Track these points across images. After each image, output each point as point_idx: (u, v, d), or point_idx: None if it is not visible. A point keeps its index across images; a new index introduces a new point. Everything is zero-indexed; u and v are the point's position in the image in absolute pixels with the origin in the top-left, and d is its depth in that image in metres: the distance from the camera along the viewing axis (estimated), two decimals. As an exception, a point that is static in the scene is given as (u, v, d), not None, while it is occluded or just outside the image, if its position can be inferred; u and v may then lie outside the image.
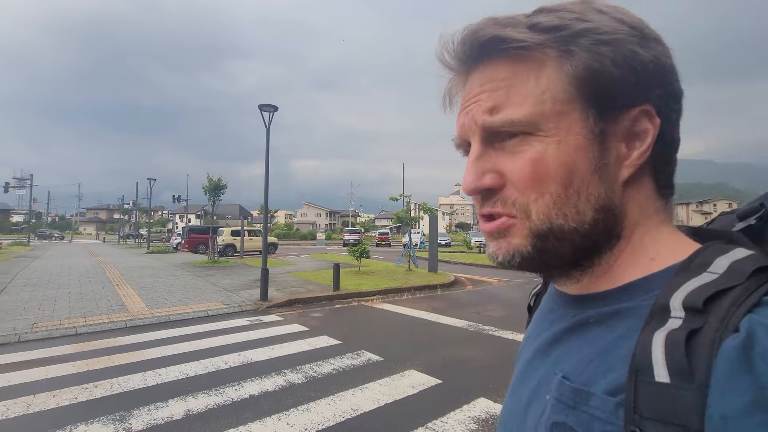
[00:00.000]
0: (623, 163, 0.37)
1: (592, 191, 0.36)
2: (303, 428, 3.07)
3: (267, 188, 9.62)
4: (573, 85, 0.36)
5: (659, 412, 0.28)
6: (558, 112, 0.36)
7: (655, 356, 0.29)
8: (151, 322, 6.48)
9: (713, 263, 0.32)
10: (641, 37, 0.36)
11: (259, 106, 9.60)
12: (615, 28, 0.36)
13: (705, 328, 0.28)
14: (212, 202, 17.75)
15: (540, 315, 0.49)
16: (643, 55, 0.36)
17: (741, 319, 0.28)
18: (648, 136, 0.37)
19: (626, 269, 0.38)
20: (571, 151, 0.36)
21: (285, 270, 13.50)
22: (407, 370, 4.32)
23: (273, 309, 7.62)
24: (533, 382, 0.42)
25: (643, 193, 0.38)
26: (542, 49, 0.36)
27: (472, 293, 9.98)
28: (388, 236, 36.79)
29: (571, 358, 0.37)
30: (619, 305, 0.36)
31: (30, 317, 6.53)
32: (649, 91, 0.36)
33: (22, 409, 3.39)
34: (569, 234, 0.36)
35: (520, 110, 0.36)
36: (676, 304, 0.31)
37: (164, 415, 3.28)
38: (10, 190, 39.44)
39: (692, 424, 0.26)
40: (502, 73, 0.37)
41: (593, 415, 0.32)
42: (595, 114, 0.36)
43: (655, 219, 0.39)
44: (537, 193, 0.36)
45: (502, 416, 0.48)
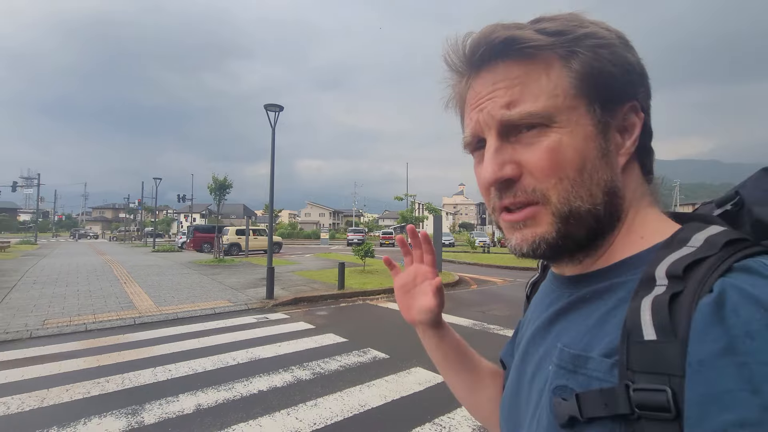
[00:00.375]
0: (619, 151, 0.42)
1: (601, 175, 0.40)
2: (312, 423, 3.12)
3: (272, 187, 9.68)
4: (579, 81, 0.40)
5: (648, 365, 0.32)
6: (569, 105, 0.40)
7: (644, 318, 0.33)
8: (159, 319, 6.56)
9: (692, 238, 0.37)
10: (626, 44, 0.42)
11: (265, 106, 9.67)
12: (608, 35, 0.41)
13: (685, 291, 0.33)
14: (217, 202, 17.87)
15: (538, 299, 0.52)
16: (630, 58, 0.41)
17: (715, 282, 0.32)
18: (636, 128, 0.42)
19: (620, 248, 0.42)
20: (582, 140, 0.40)
21: (290, 269, 13.58)
22: (413, 367, 4.36)
23: (279, 307, 7.69)
24: (536, 357, 0.45)
25: (634, 178, 0.43)
26: (551, 50, 0.40)
27: (476, 293, 10.00)
28: (391, 236, 36.77)
29: (570, 331, 0.41)
30: (612, 281, 0.40)
31: (41, 314, 6.64)
32: (636, 89, 0.42)
33: (37, 402, 3.46)
34: (585, 216, 0.40)
35: (537, 104, 0.40)
36: (661, 273, 0.35)
37: (175, 409, 3.34)
38: (18, 189, 39.84)
39: (676, 372, 0.31)
40: (515, 72, 0.41)
41: (591, 376, 0.36)
42: (599, 107, 0.40)
43: (644, 201, 0.44)
44: (556, 179, 0.40)
45: (505, 393, 0.52)
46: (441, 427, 3.07)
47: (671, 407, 0.30)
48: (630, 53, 0.42)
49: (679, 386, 0.30)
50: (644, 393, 0.31)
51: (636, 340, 0.33)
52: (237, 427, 3.05)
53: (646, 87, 0.43)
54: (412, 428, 3.05)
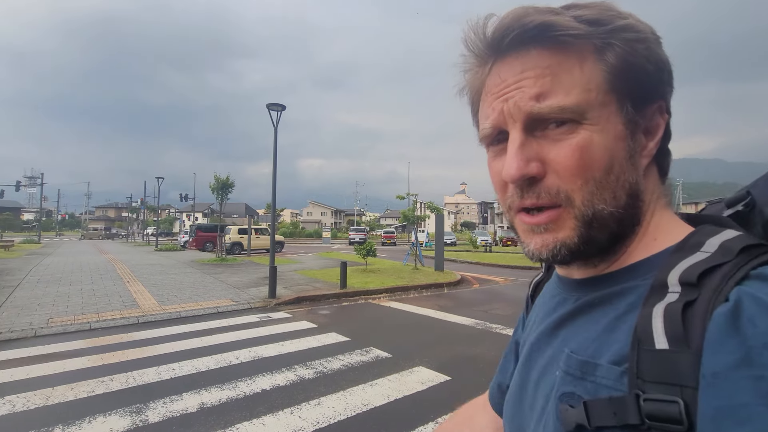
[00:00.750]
0: (642, 153, 0.40)
1: (627, 177, 0.39)
2: (315, 422, 3.13)
3: (275, 187, 9.69)
4: (613, 76, 0.37)
5: (660, 375, 0.31)
6: (601, 101, 0.37)
7: (656, 326, 0.32)
8: (162, 318, 6.59)
9: (706, 243, 0.36)
10: (658, 41, 0.40)
11: (268, 106, 9.68)
12: (644, 29, 0.38)
13: (699, 300, 0.32)
14: (220, 201, 17.90)
15: (543, 301, 0.51)
16: (663, 56, 0.39)
17: (731, 291, 0.31)
18: (660, 129, 0.41)
19: (633, 251, 0.41)
20: (612, 139, 0.38)
21: (292, 268, 13.60)
22: (416, 366, 4.37)
23: (281, 306, 7.70)
24: (542, 362, 0.44)
25: (652, 180, 0.42)
26: (587, 39, 0.37)
27: (478, 292, 10.00)
28: (393, 235, 36.82)
29: (578, 336, 0.40)
30: (621, 285, 0.39)
31: (45, 313, 6.67)
32: (665, 88, 0.40)
33: (42, 400, 3.48)
34: (608, 219, 0.38)
35: (569, 98, 0.37)
36: (674, 280, 0.34)
37: (179, 407, 3.36)
38: (21, 188, 40.04)
39: (689, 383, 0.30)
40: (546, 60, 0.38)
41: (600, 384, 0.35)
42: (630, 105, 0.38)
43: (661, 203, 0.42)
44: (582, 180, 0.37)
45: (509, 397, 0.50)
46: (444, 426, 3.08)
47: (683, 419, 0.29)
48: (662, 50, 0.39)
49: (691, 398, 0.29)
50: (655, 404, 0.31)
51: (647, 349, 0.32)
52: (241, 425, 3.06)
53: (672, 86, 0.41)
54: (416, 427, 3.05)
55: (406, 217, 17.21)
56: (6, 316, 6.37)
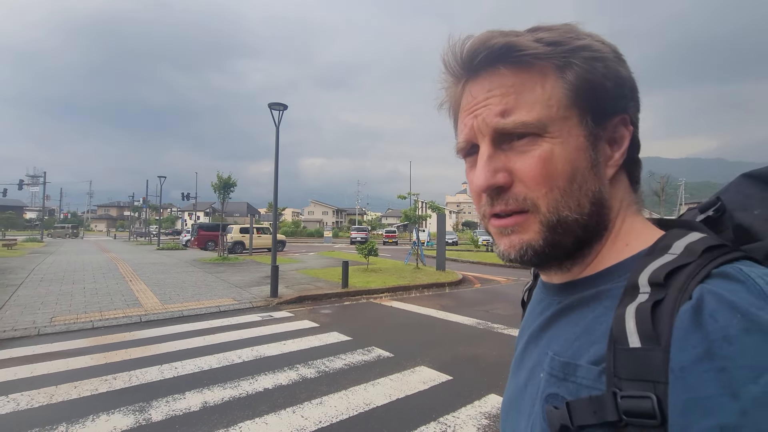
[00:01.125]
0: (608, 163, 0.43)
1: (590, 186, 0.41)
2: (317, 421, 3.14)
3: (276, 186, 9.71)
4: (573, 92, 0.40)
5: (634, 373, 0.33)
6: (562, 116, 0.40)
7: (629, 326, 0.34)
8: (164, 317, 6.61)
9: (673, 245, 0.38)
10: (619, 58, 0.43)
11: (269, 105, 9.69)
12: (603, 48, 0.41)
13: (666, 299, 0.34)
14: (222, 200, 17.93)
15: (531, 306, 0.53)
16: (623, 72, 0.42)
17: (694, 289, 0.33)
18: (625, 140, 0.43)
19: (606, 256, 0.43)
20: (573, 151, 0.40)
21: (294, 267, 13.62)
22: (418, 366, 4.37)
23: (283, 305, 7.72)
24: (529, 364, 0.46)
25: (621, 188, 0.44)
26: (547, 59, 0.40)
27: (480, 291, 9.99)
28: (394, 234, 36.86)
29: (560, 338, 0.42)
30: (598, 288, 0.41)
31: (48, 311, 6.70)
32: (627, 103, 0.43)
33: (46, 399, 3.50)
34: (573, 225, 0.41)
35: (531, 113, 0.40)
36: (644, 281, 0.36)
37: (182, 406, 3.37)
38: (24, 187, 40.16)
39: (660, 378, 0.31)
40: (510, 80, 0.41)
41: (580, 384, 0.37)
42: (591, 119, 0.41)
43: (631, 210, 0.45)
44: (547, 188, 0.40)
45: (504, 400, 0.53)
46: (446, 426, 3.09)
47: (656, 414, 0.31)
48: (622, 67, 0.42)
49: (663, 393, 0.31)
50: (631, 400, 0.32)
51: (622, 348, 0.34)
52: (243, 424, 3.08)
53: (636, 101, 0.44)
54: (417, 427, 3.06)
55: (408, 217, 17.19)
56: (9, 315, 6.40)
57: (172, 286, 9.56)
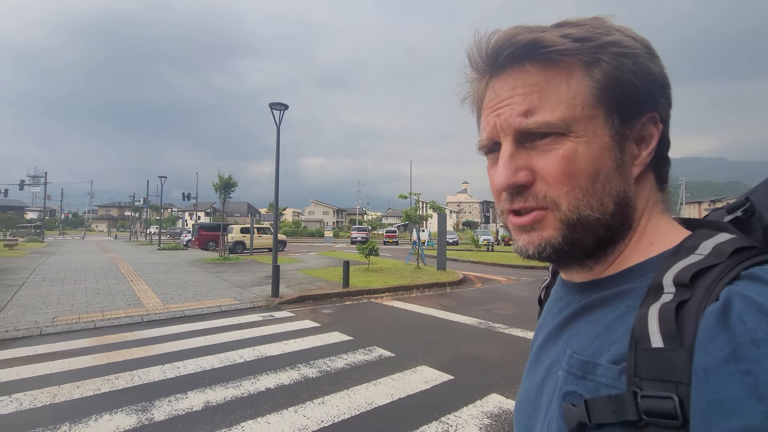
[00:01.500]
0: (635, 162, 0.42)
1: (614, 186, 0.40)
2: (319, 421, 3.14)
3: (277, 186, 9.72)
4: (600, 91, 0.40)
5: (655, 373, 0.33)
6: (587, 115, 0.40)
7: (651, 326, 0.34)
8: (166, 317, 6.62)
9: (700, 246, 0.37)
10: (651, 54, 0.41)
11: (270, 105, 9.69)
12: (633, 44, 0.40)
13: (692, 300, 0.33)
14: (222, 200, 17.94)
15: (549, 305, 0.53)
16: (654, 68, 0.41)
17: (721, 290, 0.33)
18: (653, 139, 0.42)
19: (630, 255, 0.42)
20: (598, 150, 0.40)
21: (294, 267, 13.62)
22: (419, 366, 4.38)
23: (284, 305, 7.73)
24: (546, 363, 0.46)
25: (647, 188, 0.43)
26: (574, 56, 0.40)
27: (480, 291, 10.00)
28: (395, 234, 36.87)
29: (579, 337, 0.42)
30: (620, 287, 0.41)
31: (50, 311, 6.72)
32: (657, 100, 0.42)
33: (49, 398, 3.51)
34: (594, 224, 0.41)
35: (554, 114, 0.40)
36: (668, 281, 0.36)
37: (184, 406, 3.38)
38: (25, 187, 40.22)
39: (682, 379, 0.31)
40: (534, 78, 0.40)
41: (600, 382, 0.37)
42: (617, 118, 0.40)
43: (657, 209, 0.44)
44: (568, 187, 0.40)
45: (519, 396, 0.53)
46: (447, 425, 3.09)
47: (678, 414, 0.31)
48: (654, 63, 0.41)
49: (685, 393, 0.31)
50: (652, 400, 0.32)
51: (643, 348, 0.34)
52: (245, 424, 3.08)
53: (668, 98, 0.43)
54: (419, 426, 3.07)
55: (409, 217, 17.19)
56: (12, 315, 6.41)
57: (174, 286, 9.57)
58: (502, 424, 3.12)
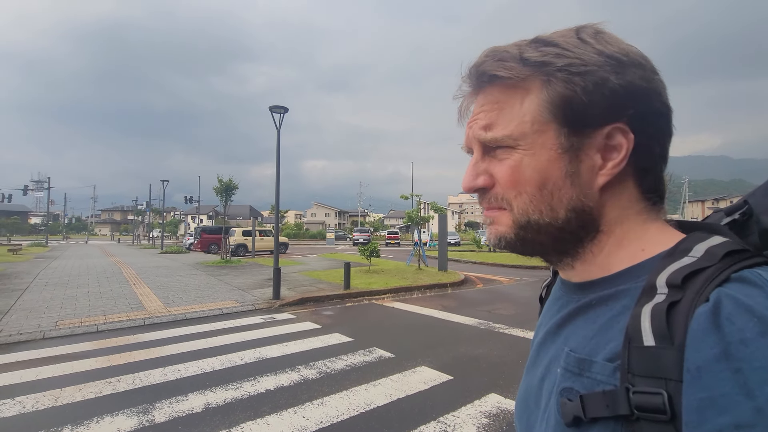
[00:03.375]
0: (599, 172, 0.43)
1: (564, 194, 0.43)
2: (318, 421, 3.16)
3: (278, 189, 9.76)
4: (548, 109, 0.42)
5: (647, 370, 0.34)
6: (536, 130, 0.43)
7: (644, 325, 0.36)
8: (168, 320, 6.66)
9: (693, 249, 0.39)
10: (617, 66, 0.41)
11: (270, 108, 9.74)
12: (591, 60, 0.41)
13: (683, 300, 0.35)
14: (224, 203, 18.01)
15: (549, 303, 0.55)
16: (613, 82, 0.41)
17: (711, 292, 0.34)
18: (621, 149, 0.42)
19: (617, 259, 0.44)
20: (544, 161, 0.43)
21: (296, 269, 13.65)
22: (419, 366, 4.39)
23: (285, 307, 7.76)
24: (546, 360, 0.48)
25: (624, 197, 0.44)
26: (529, 79, 0.43)
27: (482, 292, 9.99)
28: (397, 235, 36.89)
29: (577, 335, 0.44)
30: (617, 288, 0.42)
31: (53, 315, 6.77)
32: (620, 111, 0.42)
33: (51, 401, 3.55)
34: (546, 227, 0.44)
35: (505, 130, 0.44)
36: (661, 282, 0.37)
37: (185, 407, 3.41)
38: (29, 192, 40.46)
39: (673, 376, 0.33)
40: (497, 97, 0.45)
41: (595, 379, 0.38)
42: (567, 132, 0.42)
43: (639, 219, 0.44)
44: (516, 192, 0.44)
45: (519, 393, 0.55)
46: (446, 425, 3.10)
47: (667, 409, 0.32)
48: (617, 75, 0.41)
49: (674, 390, 0.32)
50: (642, 396, 0.34)
51: (636, 346, 0.35)
52: (245, 425, 3.11)
53: (642, 107, 0.42)
54: (418, 426, 3.08)
55: (410, 218, 17.20)
56: (15, 319, 6.47)
57: (176, 289, 9.62)
58: (500, 424, 3.13)
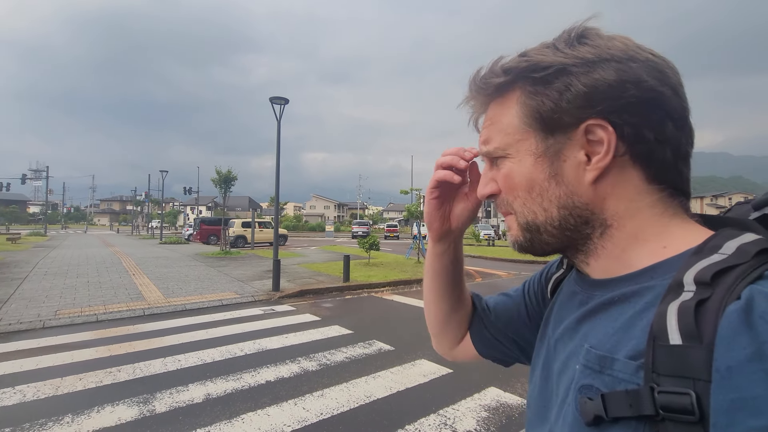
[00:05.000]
0: (586, 167, 0.43)
1: (552, 193, 0.45)
2: (318, 413, 3.18)
3: (278, 180, 9.72)
4: (522, 120, 0.46)
5: (673, 369, 0.33)
6: (518, 139, 0.46)
7: (670, 323, 0.34)
8: (167, 310, 6.67)
9: (724, 246, 0.37)
10: (584, 65, 0.42)
11: (270, 99, 9.66)
12: (555, 61, 0.43)
13: (712, 298, 0.33)
14: (223, 194, 17.97)
15: (564, 298, 0.53)
16: (577, 84, 0.42)
17: (743, 290, 0.32)
18: (604, 143, 0.41)
19: (638, 256, 0.43)
20: (529, 166, 0.46)
21: (295, 261, 13.67)
22: (418, 359, 4.41)
23: (285, 299, 7.77)
24: (563, 356, 0.47)
25: (628, 189, 0.43)
26: (508, 94, 0.47)
27: (481, 286, 10.02)
28: (396, 228, 36.90)
29: (598, 332, 0.42)
30: (640, 285, 0.41)
31: (53, 305, 6.77)
32: (590, 108, 0.41)
33: (52, 390, 3.56)
34: (545, 226, 0.46)
35: (494, 143, 0.48)
36: (689, 279, 0.36)
37: (185, 398, 3.42)
38: (27, 181, 40.31)
39: (701, 376, 0.31)
40: (492, 112, 0.49)
41: (617, 377, 0.37)
42: (544, 137, 0.45)
43: (653, 212, 0.43)
44: (512, 197, 0.48)
45: (533, 387, 0.54)
46: (445, 418, 3.12)
47: (695, 410, 0.31)
48: (585, 76, 0.41)
49: (703, 390, 0.31)
50: (669, 396, 0.32)
51: (661, 344, 0.34)
52: (245, 416, 3.12)
53: (619, 100, 0.41)
54: (417, 419, 3.10)
55: (410, 212, 17.21)
56: (15, 308, 6.47)
57: (175, 280, 9.63)
58: (499, 417, 3.15)
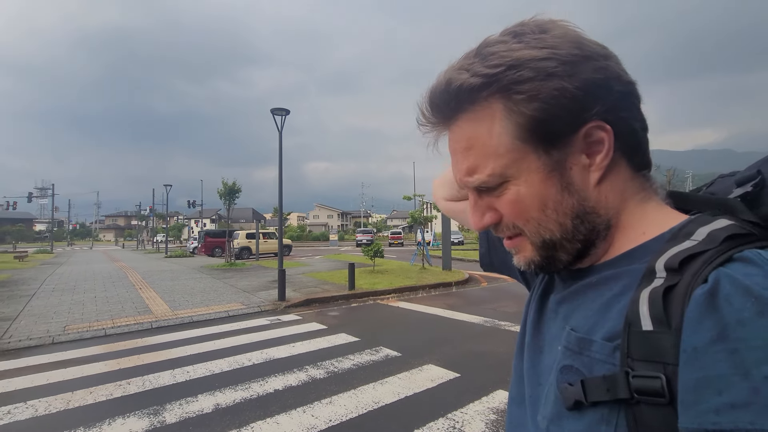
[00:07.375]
0: (590, 169, 0.42)
1: (566, 205, 0.43)
2: (327, 420, 3.19)
3: (281, 191, 9.80)
4: (517, 137, 0.42)
5: (645, 354, 0.35)
6: (515, 159, 0.42)
7: (642, 310, 0.36)
8: (175, 323, 6.70)
9: (696, 232, 0.38)
10: (571, 66, 0.40)
11: (272, 110, 9.79)
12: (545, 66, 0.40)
13: (680, 284, 0.35)
14: (227, 206, 18.09)
15: (548, 280, 0.54)
16: (569, 88, 0.40)
17: (710, 273, 0.34)
18: (603, 142, 0.42)
19: (619, 243, 0.44)
20: (538, 184, 0.42)
21: (300, 271, 13.69)
22: (425, 364, 4.41)
23: (291, 309, 7.79)
24: (547, 337, 0.49)
25: (620, 181, 0.44)
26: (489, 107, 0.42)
27: (486, 290, 10.00)
28: (400, 235, 36.90)
29: (577, 314, 0.44)
30: (618, 269, 0.43)
31: (61, 320, 6.83)
32: (587, 112, 0.41)
33: (63, 404, 3.59)
34: (560, 242, 0.44)
35: (487, 170, 0.43)
36: (660, 266, 0.37)
37: (195, 408, 3.44)
38: (33, 199, 40.76)
39: (670, 360, 0.33)
40: (466, 130, 0.43)
41: (595, 358, 0.39)
42: (545, 149, 0.42)
43: (637, 198, 0.45)
44: (523, 220, 0.44)
45: (517, 364, 0.54)
46: (454, 421, 3.12)
47: (665, 393, 0.33)
48: (573, 78, 0.40)
49: (672, 373, 0.33)
50: (642, 379, 0.34)
51: (635, 330, 0.36)
52: (255, 425, 3.13)
53: (609, 97, 0.41)
54: (426, 423, 3.10)
55: (414, 218, 17.23)
56: (24, 324, 6.53)
57: (181, 292, 9.67)
58: (508, 420, 3.14)
